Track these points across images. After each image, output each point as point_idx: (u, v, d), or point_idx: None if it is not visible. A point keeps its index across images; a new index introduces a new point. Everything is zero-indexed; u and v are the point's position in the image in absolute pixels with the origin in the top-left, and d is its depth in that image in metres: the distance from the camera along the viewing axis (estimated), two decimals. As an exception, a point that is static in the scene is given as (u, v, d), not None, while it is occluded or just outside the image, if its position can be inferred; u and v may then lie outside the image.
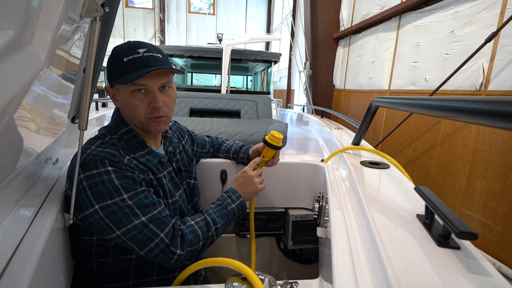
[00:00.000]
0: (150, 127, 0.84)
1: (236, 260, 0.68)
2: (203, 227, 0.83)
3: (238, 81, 6.00)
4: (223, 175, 1.28)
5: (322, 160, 1.37)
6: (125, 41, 0.85)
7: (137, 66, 0.78)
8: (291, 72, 8.28)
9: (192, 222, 0.83)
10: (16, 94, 0.51)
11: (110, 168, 0.74)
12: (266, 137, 1.05)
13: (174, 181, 0.94)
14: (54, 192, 0.81)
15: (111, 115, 0.90)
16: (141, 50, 0.79)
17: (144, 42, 0.82)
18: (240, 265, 0.66)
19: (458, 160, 2.56)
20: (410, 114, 2.94)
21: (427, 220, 0.66)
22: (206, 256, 0.81)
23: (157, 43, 10.26)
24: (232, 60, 3.67)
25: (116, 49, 0.81)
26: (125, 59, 0.78)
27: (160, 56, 0.81)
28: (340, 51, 5.18)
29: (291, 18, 7.14)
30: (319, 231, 0.93)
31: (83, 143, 0.80)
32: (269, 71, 4.45)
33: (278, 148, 1.06)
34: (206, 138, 1.28)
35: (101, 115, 2.36)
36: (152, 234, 0.74)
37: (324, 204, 1.05)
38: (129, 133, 0.85)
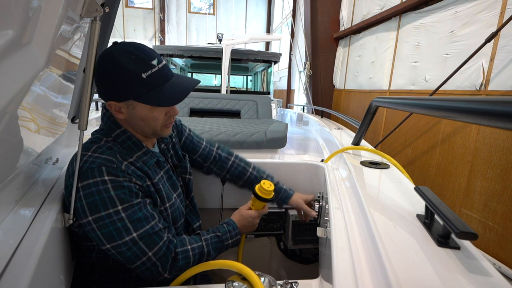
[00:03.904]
0: (162, 133, 0.86)
1: (235, 261, 0.69)
2: (197, 255, 0.82)
3: (238, 81, 6.00)
4: (223, 175, 1.28)
5: (322, 160, 1.37)
6: (125, 40, 0.82)
7: (160, 81, 0.76)
8: (291, 72, 8.27)
9: (189, 247, 0.81)
10: (16, 94, 0.51)
11: (107, 178, 0.73)
12: (256, 188, 0.97)
13: (172, 180, 0.93)
14: (54, 192, 0.81)
15: None
16: (154, 62, 0.75)
17: (145, 48, 0.76)
18: (240, 266, 0.66)
19: (458, 160, 2.56)
20: (410, 114, 2.94)
21: (427, 220, 0.66)
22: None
23: (157, 43, 10.26)
24: (232, 60, 3.67)
25: (123, 63, 0.72)
26: (143, 76, 0.73)
27: (165, 62, 0.80)
28: (340, 51, 5.18)
29: (291, 18, 7.14)
30: (319, 231, 0.93)
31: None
32: (269, 71, 4.45)
33: (267, 201, 0.97)
34: (201, 141, 1.14)
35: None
36: (141, 252, 0.74)
37: (324, 204, 1.05)
38: (123, 135, 0.83)
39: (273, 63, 4.19)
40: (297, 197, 1.16)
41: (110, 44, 0.87)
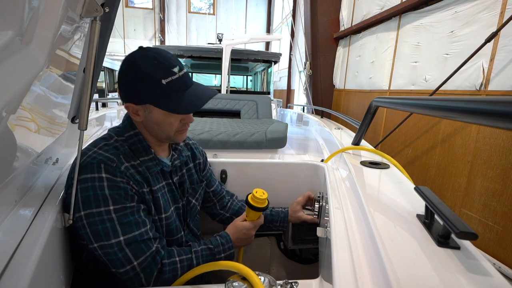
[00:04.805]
0: (176, 138, 0.86)
1: (235, 262, 0.69)
2: (185, 267, 0.79)
3: (238, 81, 6.00)
4: (223, 175, 1.28)
5: (322, 160, 1.37)
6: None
7: (179, 89, 0.77)
8: (291, 72, 8.27)
9: (177, 259, 0.79)
10: (16, 94, 0.51)
11: (104, 175, 0.73)
12: (249, 197, 0.93)
13: (173, 194, 0.91)
14: (54, 192, 0.81)
15: (111, 115, 0.90)
16: (175, 70, 0.76)
17: (168, 55, 0.78)
18: (240, 266, 0.66)
19: (458, 160, 2.56)
20: (410, 114, 2.94)
21: (427, 220, 0.66)
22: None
23: (157, 43, 10.26)
24: (232, 60, 3.67)
25: (144, 67, 0.74)
26: (163, 82, 0.75)
27: (186, 70, 0.82)
28: (340, 51, 5.18)
29: (291, 18, 7.14)
30: (319, 231, 0.93)
31: (90, 141, 0.80)
32: (269, 71, 4.45)
33: (261, 210, 0.94)
34: (215, 179, 1.16)
35: (101, 115, 2.36)
36: (126, 260, 0.73)
37: (324, 204, 1.05)
38: (135, 137, 0.84)
39: (273, 63, 4.19)
40: (293, 209, 1.15)
41: (110, 44, 0.87)
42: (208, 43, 5.36)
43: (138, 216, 0.76)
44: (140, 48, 0.79)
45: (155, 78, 0.75)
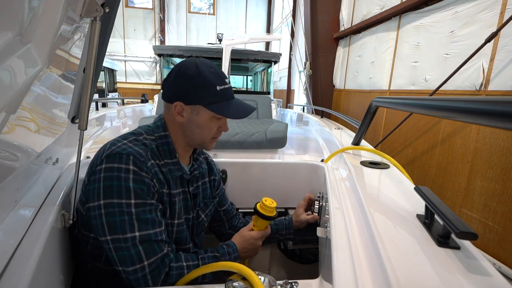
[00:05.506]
0: (208, 145, 0.91)
1: (235, 262, 0.69)
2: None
3: (238, 81, 6.00)
4: (223, 175, 1.28)
5: (322, 160, 1.37)
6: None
7: (228, 97, 0.86)
8: (291, 72, 8.27)
9: (184, 264, 0.78)
10: (16, 94, 0.51)
11: (131, 168, 0.73)
12: (257, 205, 0.93)
13: (186, 203, 0.91)
14: (54, 192, 0.81)
15: (111, 115, 0.90)
16: (226, 81, 0.86)
17: (219, 69, 0.86)
18: (240, 266, 0.66)
19: (458, 160, 2.56)
20: (410, 114, 2.94)
21: (427, 220, 0.66)
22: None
23: (157, 43, 10.26)
24: (232, 60, 3.67)
25: (205, 72, 0.82)
26: (218, 88, 0.83)
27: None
28: (340, 51, 5.18)
29: (291, 18, 7.14)
30: (319, 231, 0.93)
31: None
32: (269, 71, 4.45)
33: (270, 219, 0.93)
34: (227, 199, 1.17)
35: (101, 115, 2.36)
36: (137, 258, 0.71)
37: (324, 204, 1.05)
38: (164, 138, 0.85)
39: (273, 63, 4.19)
40: (296, 214, 1.15)
41: (110, 44, 0.87)
42: (208, 43, 5.35)
43: (156, 215, 0.76)
44: (196, 57, 0.87)
45: (212, 83, 0.82)
